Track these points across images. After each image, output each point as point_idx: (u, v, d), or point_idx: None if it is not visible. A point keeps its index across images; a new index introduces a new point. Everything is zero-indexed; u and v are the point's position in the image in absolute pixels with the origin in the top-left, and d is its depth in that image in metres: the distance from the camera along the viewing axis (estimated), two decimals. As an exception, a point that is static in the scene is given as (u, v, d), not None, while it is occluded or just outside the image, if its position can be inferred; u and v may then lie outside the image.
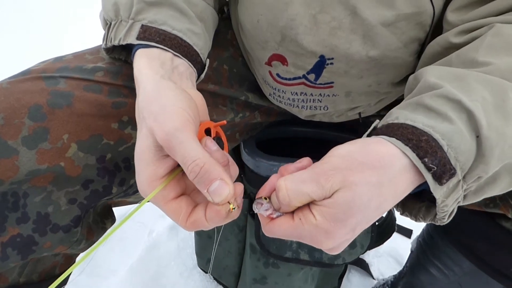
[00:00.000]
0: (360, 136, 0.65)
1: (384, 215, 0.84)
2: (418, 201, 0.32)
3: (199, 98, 0.32)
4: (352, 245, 0.55)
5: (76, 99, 0.34)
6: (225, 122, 0.32)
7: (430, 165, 0.25)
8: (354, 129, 0.62)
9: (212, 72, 0.46)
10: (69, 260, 0.42)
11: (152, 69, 0.31)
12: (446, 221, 0.29)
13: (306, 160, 0.29)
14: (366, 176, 0.25)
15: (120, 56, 0.38)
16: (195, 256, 0.77)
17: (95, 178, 0.36)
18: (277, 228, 0.27)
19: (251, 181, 0.58)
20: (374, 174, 0.25)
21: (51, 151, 0.32)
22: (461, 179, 0.26)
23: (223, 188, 0.25)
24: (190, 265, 0.79)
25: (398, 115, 0.28)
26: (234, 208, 0.26)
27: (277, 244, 0.54)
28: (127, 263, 0.78)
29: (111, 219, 0.44)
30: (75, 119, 0.34)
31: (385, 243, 0.81)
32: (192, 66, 0.35)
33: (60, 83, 0.34)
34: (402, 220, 0.88)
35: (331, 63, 0.40)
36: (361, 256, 0.90)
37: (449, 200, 0.27)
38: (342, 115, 0.50)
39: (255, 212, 0.28)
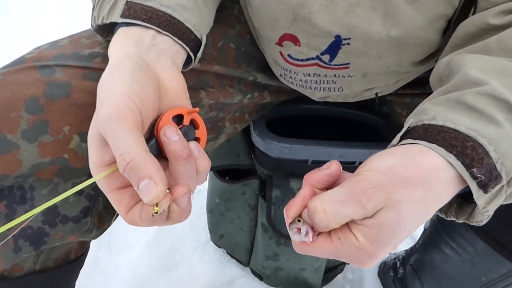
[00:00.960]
0: (376, 114, 0.61)
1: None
2: None
3: (174, 81, 0.30)
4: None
5: (74, 89, 0.33)
6: (197, 109, 0.29)
7: (478, 175, 0.23)
8: (369, 106, 0.59)
9: (217, 53, 0.43)
10: (84, 244, 0.43)
11: (121, 48, 0.29)
12: (483, 223, 0.27)
13: (334, 164, 0.26)
14: (410, 193, 0.23)
15: None
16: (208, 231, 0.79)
17: None
18: (311, 249, 0.25)
19: (261, 162, 0.58)
20: (419, 190, 0.23)
21: (52, 143, 0.32)
22: (505, 184, 0.25)
23: (150, 188, 0.23)
24: (204, 240, 0.81)
25: (435, 114, 0.26)
26: (157, 213, 0.24)
27: (289, 225, 0.55)
28: (143, 238, 0.81)
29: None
30: (75, 110, 0.33)
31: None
32: (182, 43, 0.32)
33: (56, 72, 0.33)
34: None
35: (348, 43, 0.37)
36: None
37: (491, 206, 0.25)
38: (358, 95, 0.47)
39: (293, 239, 0.25)
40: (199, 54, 0.35)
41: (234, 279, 0.75)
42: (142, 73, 0.28)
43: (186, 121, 0.29)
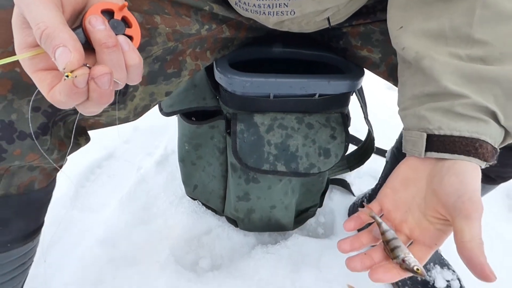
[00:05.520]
0: (335, 52, 0.63)
1: (364, 138, 0.87)
2: None
3: None
4: (327, 155, 0.57)
5: None
6: (126, 3, 0.29)
7: (490, 160, 0.33)
8: (327, 44, 0.61)
9: None
10: (48, 177, 0.43)
11: None
12: None
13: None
14: None
15: None
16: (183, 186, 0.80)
17: None
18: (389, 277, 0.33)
19: (226, 101, 0.59)
20: None
21: (2, 55, 0.31)
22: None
23: (64, 55, 0.24)
24: (180, 194, 0.82)
25: (440, 124, 0.34)
26: (68, 76, 0.24)
27: (255, 157, 0.56)
28: (117, 197, 0.81)
29: (85, 137, 0.45)
30: None
31: (365, 165, 0.85)
32: None
33: None
34: (379, 142, 0.91)
35: None
36: (342, 177, 0.94)
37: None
38: (310, 21, 0.49)
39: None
40: None
41: (210, 229, 0.77)
42: None
43: (117, 17, 0.29)
